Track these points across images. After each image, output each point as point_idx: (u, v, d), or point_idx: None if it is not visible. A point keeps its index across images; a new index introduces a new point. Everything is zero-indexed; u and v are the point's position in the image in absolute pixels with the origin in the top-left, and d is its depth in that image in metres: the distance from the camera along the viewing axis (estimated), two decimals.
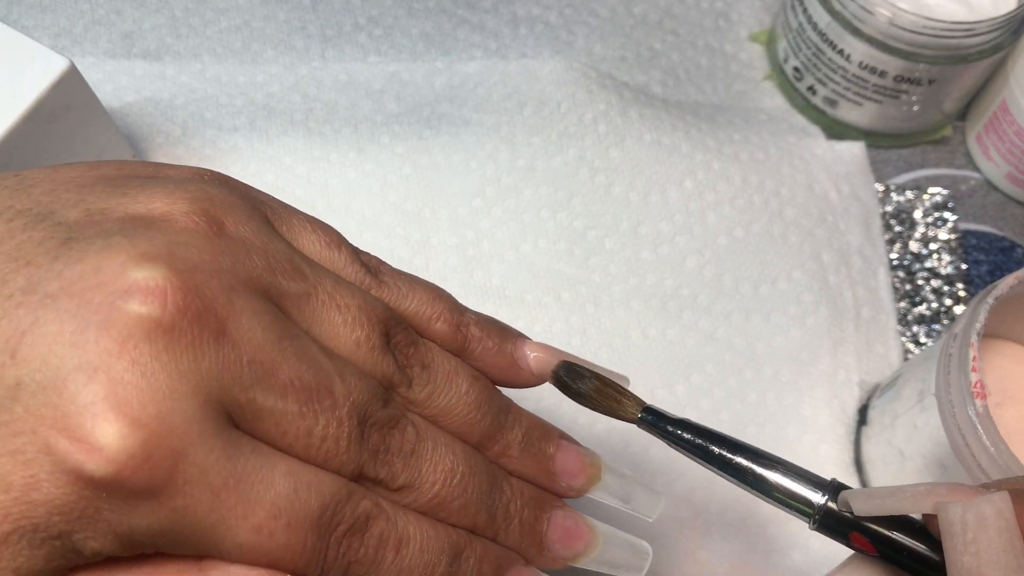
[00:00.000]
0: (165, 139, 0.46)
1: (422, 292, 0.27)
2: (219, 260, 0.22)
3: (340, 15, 0.51)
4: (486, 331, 0.27)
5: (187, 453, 0.20)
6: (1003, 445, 0.31)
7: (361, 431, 0.23)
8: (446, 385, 0.26)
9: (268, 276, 0.23)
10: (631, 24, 0.51)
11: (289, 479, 0.21)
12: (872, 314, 0.44)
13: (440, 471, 0.24)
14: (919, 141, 0.49)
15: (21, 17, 0.49)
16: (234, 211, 0.23)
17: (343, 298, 0.24)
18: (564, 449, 0.28)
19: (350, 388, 0.23)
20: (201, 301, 0.21)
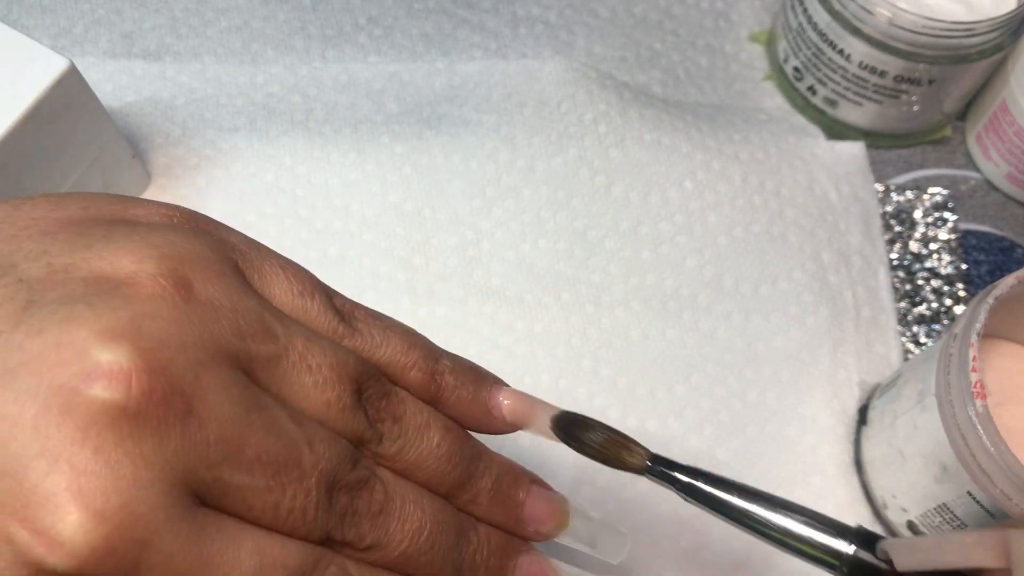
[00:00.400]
0: (165, 139, 0.46)
1: (396, 340, 0.26)
2: (186, 331, 0.21)
3: (340, 15, 0.51)
4: (460, 379, 0.27)
5: (152, 542, 0.20)
6: (1003, 445, 0.31)
7: (329, 497, 0.23)
8: (417, 439, 0.25)
9: (237, 341, 0.22)
10: (631, 24, 0.51)
11: (255, 557, 0.21)
12: (872, 314, 0.44)
13: (407, 530, 0.24)
14: (919, 141, 0.49)
15: (21, 17, 0.49)
16: (203, 268, 0.23)
17: (314, 357, 0.23)
18: (534, 495, 0.28)
19: (318, 456, 0.22)
20: (167, 382, 0.20)
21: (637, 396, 0.42)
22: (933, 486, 0.35)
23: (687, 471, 0.27)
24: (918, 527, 0.37)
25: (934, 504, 0.36)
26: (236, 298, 0.23)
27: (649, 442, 0.41)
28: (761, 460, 0.41)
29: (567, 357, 0.42)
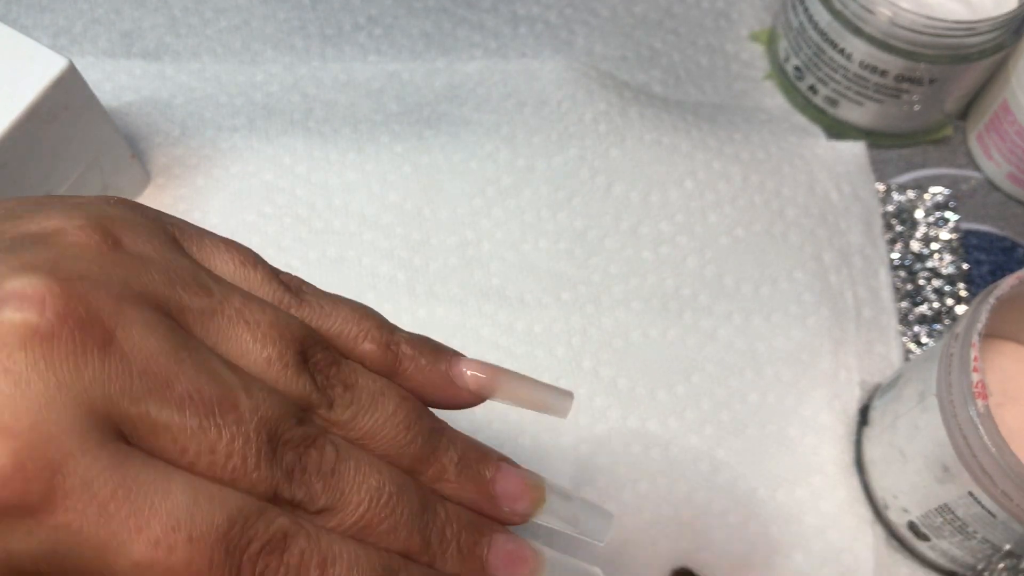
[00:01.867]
0: (164, 139, 0.46)
1: (347, 311, 0.25)
2: (110, 272, 0.21)
3: (340, 14, 0.51)
4: (418, 349, 0.25)
5: (66, 464, 0.19)
6: (1004, 445, 0.31)
7: (272, 449, 0.21)
8: (371, 406, 0.23)
9: (167, 290, 0.21)
10: (631, 24, 0.51)
11: (189, 491, 0.20)
12: (873, 314, 0.44)
13: (365, 491, 0.22)
14: (920, 141, 0.49)
15: (20, 16, 0.49)
16: (134, 228, 0.22)
17: (252, 314, 0.22)
18: (504, 472, 0.25)
19: (257, 403, 0.21)
20: (85, 309, 0.19)
21: (637, 396, 0.41)
22: (934, 486, 0.35)
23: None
24: (919, 528, 0.37)
25: (935, 504, 0.35)
26: (169, 256, 0.22)
27: (649, 442, 0.41)
28: (762, 460, 0.41)
29: (567, 357, 0.42)
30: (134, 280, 0.21)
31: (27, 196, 0.24)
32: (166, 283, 0.21)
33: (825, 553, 0.39)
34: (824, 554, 0.39)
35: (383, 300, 0.43)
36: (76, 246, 0.21)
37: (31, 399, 0.19)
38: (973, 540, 0.35)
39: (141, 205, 0.24)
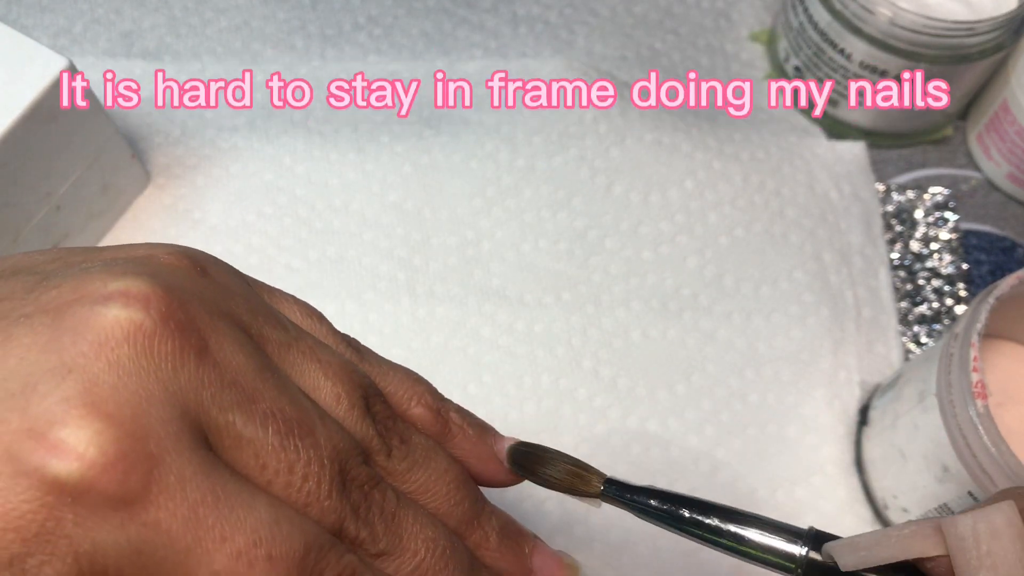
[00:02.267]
0: (164, 139, 0.46)
1: (403, 374, 0.26)
2: (202, 290, 0.21)
3: (340, 14, 0.51)
4: (466, 420, 0.26)
5: (164, 460, 0.19)
6: (1004, 445, 0.31)
7: (343, 481, 0.22)
8: (425, 462, 0.24)
9: (249, 317, 0.22)
10: (631, 23, 0.51)
11: (271, 509, 0.20)
12: (873, 314, 0.44)
13: (422, 541, 0.23)
14: (920, 141, 0.49)
15: (20, 16, 0.49)
16: (216, 263, 0.23)
17: (324, 354, 0.23)
18: (540, 549, 0.27)
19: (331, 433, 0.22)
20: (184, 315, 0.20)
21: (638, 396, 0.41)
22: (934, 486, 0.35)
23: (640, 491, 0.26)
24: None
25: (935, 504, 0.35)
26: (248, 291, 0.23)
27: (649, 442, 0.41)
28: (762, 460, 0.41)
29: (567, 357, 0.42)
30: (222, 302, 0.22)
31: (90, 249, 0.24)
32: (249, 312, 0.22)
33: None
34: None
35: (383, 300, 0.43)
36: (169, 267, 0.22)
37: (133, 392, 0.19)
38: None
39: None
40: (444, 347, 0.42)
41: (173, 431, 0.19)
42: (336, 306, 0.42)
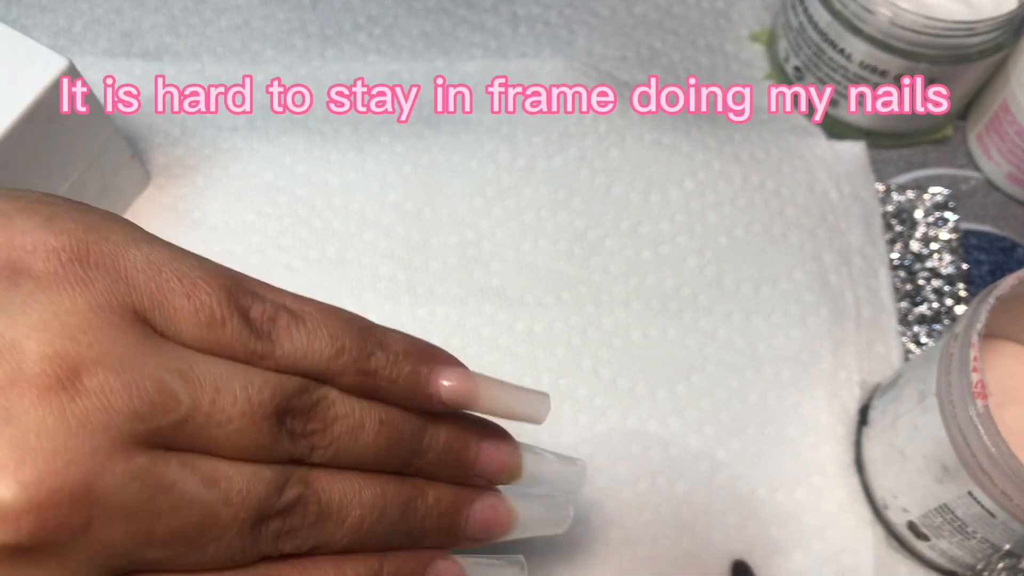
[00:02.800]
0: (165, 139, 0.46)
1: (322, 343, 0.25)
2: (76, 442, 0.21)
3: (340, 14, 0.51)
4: (396, 370, 0.26)
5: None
6: (1004, 445, 0.31)
7: (258, 530, 0.23)
8: (350, 441, 0.25)
9: (135, 425, 0.22)
10: (631, 24, 0.51)
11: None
12: (873, 314, 0.44)
13: (348, 526, 0.25)
14: (920, 141, 0.49)
15: (20, 16, 0.49)
16: (93, 345, 0.21)
17: (223, 411, 0.23)
18: (484, 452, 0.28)
19: (237, 507, 0.23)
20: (58, 509, 0.20)
21: (637, 396, 0.41)
22: (934, 486, 0.35)
23: None
24: (919, 527, 0.37)
25: (935, 504, 0.36)
26: (131, 369, 0.22)
27: (649, 442, 0.41)
28: (762, 460, 0.41)
29: (567, 357, 0.42)
30: (101, 436, 0.21)
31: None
32: (133, 418, 0.22)
33: (825, 553, 0.39)
34: (824, 554, 0.39)
35: (383, 300, 0.43)
36: (37, 409, 0.21)
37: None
38: (972, 540, 0.35)
39: (94, 258, 0.23)
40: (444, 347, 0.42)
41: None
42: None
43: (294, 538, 0.24)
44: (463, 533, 0.28)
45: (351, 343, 0.26)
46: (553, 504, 0.31)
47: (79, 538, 0.21)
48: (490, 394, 0.28)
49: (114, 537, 0.21)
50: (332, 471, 0.25)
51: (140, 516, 0.22)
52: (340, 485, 0.25)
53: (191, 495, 0.22)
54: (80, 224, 0.23)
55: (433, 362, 0.27)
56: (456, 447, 0.28)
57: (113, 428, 0.21)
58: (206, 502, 0.23)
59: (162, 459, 0.22)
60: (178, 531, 0.22)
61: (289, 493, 0.24)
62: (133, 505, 0.21)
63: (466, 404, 0.28)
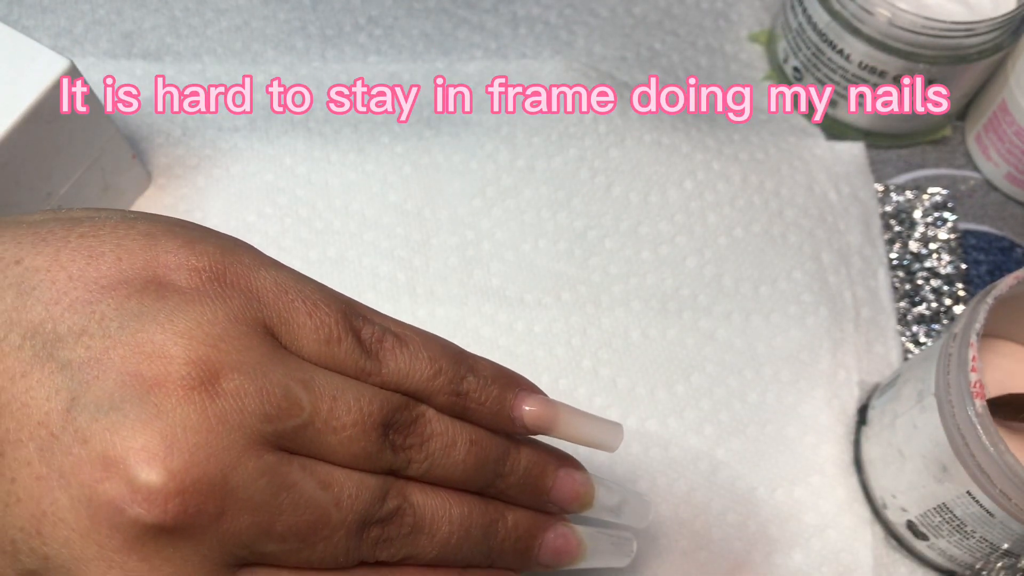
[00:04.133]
0: (165, 139, 0.46)
1: (422, 366, 0.27)
2: (214, 437, 0.23)
3: (340, 15, 0.51)
4: (484, 395, 0.29)
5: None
6: (1003, 445, 0.31)
7: (360, 535, 0.26)
8: (443, 457, 0.28)
9: (264, 426, 0.24)
10: (631, 24, 0.51)
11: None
12: (872, 314, 0.44)
13: (436, 541, 0.27)
14: (919, 141, 0.49)
15: (22, 17, 0.49)
16: (229, 351, 0.24)
17: (339, 418, 0.25)
18: (560, 480, 0.31)
19: (346, 511, 0.25)
20: (197, 497, 0.23)
21: (637, 396, 0.42)
22: (933, 486, 0.35)
23: None
24: (918, 527, 0.37)
25: (934, 504, 0.36)
26: (262, 375, 0.24)
27: (649, 442, 0.41)
28: (761, 460, 0.41)
29: (567, 357, 0.42)
30: (235, 434, 0.24)
31: (127, 240, 0.25)
32: (263, 419, 0.24)
33: (824, 552, 0.39)
34: (823, 553, 0.39)
35: (383, 300, 0.43)
36: (181, 407, 0.23)
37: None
38: (971, 539, 0.35)
39: (231, 275, 0.25)
40: None
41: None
42: None
43: (389, 546, 0.27)
44: (535, 558, 0.31)
45: (447, 366, 0.28)
46: (619, 537, 0.33)
47: (212, 525, 0.23)
48: (568, 420, 0.30)
49: (240, 527, 0.24)
50: (425, 486, 0.28)
51: (264, 510, 0.24)
52: (432, 500, 0.28)
53: (309, 495, 0.25)
54: (217, 247, 0.26)
55: (518, 388, 0.30)
56: (535, 472, 0.30)
57: (246, 427, 0.24)
58: (321, 503, 0.25)
59: (286, 460, 0.25)
60: (294, 527, 0.24)
61: (390, 503, 0.26)
62: (259, 499, 0.24)
63: (546, 429, 0.30)
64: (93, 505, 0.22)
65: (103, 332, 0.23)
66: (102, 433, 0.23)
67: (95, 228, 0.25)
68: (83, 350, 0.23)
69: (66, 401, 0.23)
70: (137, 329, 0.24)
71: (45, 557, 0.23)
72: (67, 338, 0.23)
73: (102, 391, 0.23)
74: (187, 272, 0.25)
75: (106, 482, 0.22)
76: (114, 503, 0.22)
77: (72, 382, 0.23)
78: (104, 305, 0.24)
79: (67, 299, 0.24)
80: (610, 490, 0.32)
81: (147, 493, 0.22)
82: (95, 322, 0.24)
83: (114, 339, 0.23)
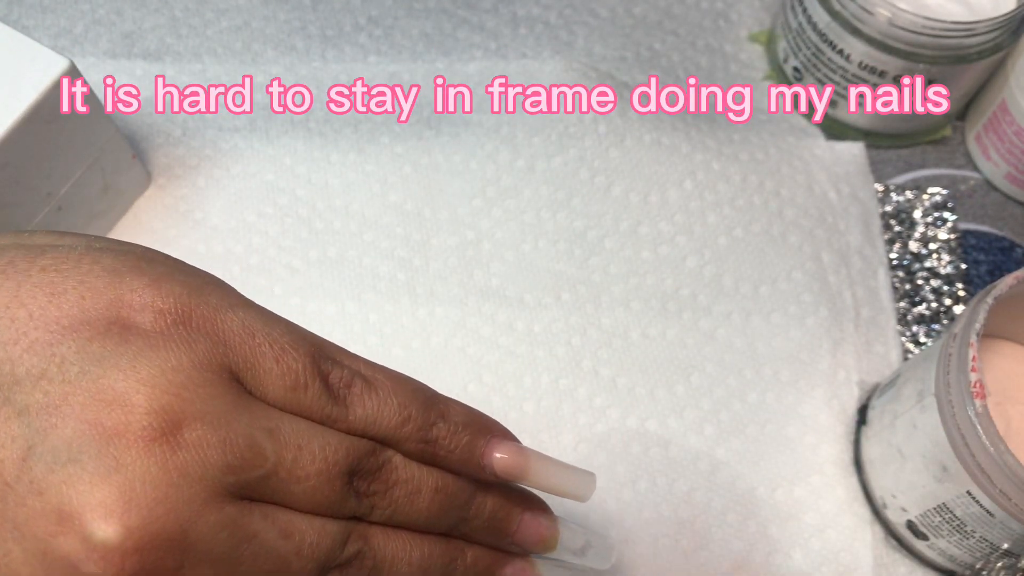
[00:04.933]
0: (165, 139, 0.46)
1: (391, 412, 0.27)
2: (175, 492, 0.23)
3: (340, 15, 0.51)
4: (454, 443, 0.28)
5: None
6: (1002, 445, 0.31)
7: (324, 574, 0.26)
8: (406, 504, 0.27)
9: (227, 477, 0.24)
10: (631, 24, 0.51)
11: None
12: (872, 314, 0.44)
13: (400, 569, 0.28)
14: (919, 141, 0.49)
15: (22, 17, 0.49)
16: (192, 400, 0.23)
17: (303, 468, 0.25)
18: (525, 524, 0.31)
19: (306, 559, 0.25)
20: (155, 554, 0.22)
21: (637, 396, 0.42)
22: (933, 486, 0.35)
23: None
24: (918, 527, 0.37)
25: (934, 504, 0.36)
26: (226, 425, 0.24)
27: (649, 442, 0.41)
28: (761, 460, 0.41)
29: (567, 357, 0.42)
30: (196, 488, 0.23)
31: (90, 278, 0.24)
32: (225, 470, 0.23)
33: (824, 552, 0.39)
34: (823, 553, 0.39)
35: (383, 300, 0.43)
36: (140, 460, 0.22)
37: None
38: (971, 539, 0.35)
39: (197, 319, 0.25)
40: (444, 347, 0.42)
41: None
42: (336, 307, 0.43)
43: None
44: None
45: (416, 413, 0.27)
46: (577, 574, 0.33)
47: (176, 573, 0.23)
48: (539, 470, 0.29)
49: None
50: (387, 530, 0.27)
51: (224, 562, 0.23)
52: (393, 544, 0.27)
53: (270, 545, 0.24)
54: (184, 287, 0.25)
55: (490, 435, 0.29)
56: (500, 516, 0.30)
57: (208, 479, 0.23)
58: (281, 552, 0.25)
59: (247, 510, 0.24)
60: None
61: (350, 548, 0.26)
62: (219, 552, 0.23)
63: (517, 478, 0.29)
64: (47, 560, 0.22)
65: (63, 377, 0.23)
66: (58, 485, 0.22)
67: (58, 261, 0.24)
68: (41, 395, 0.22)
69: (23, 449, 0.22)
70: (99, 375, 0.23)
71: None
72: (25, 382, 0.23)
73: (60, 440, 0.22)
74: (152, 314, 0.24)
75: (61, 536, 0.22)
76: (68, 559, 0.22)
77: (29, 429, 0.22)
78: (65, 347, 0.23)
79: (26, 340, 0.23)
80: (574, 533, 0.32)
81: (103, 551, 0.22)
82: (55, 365, 0.23)
83: (74, 385, 0.23)
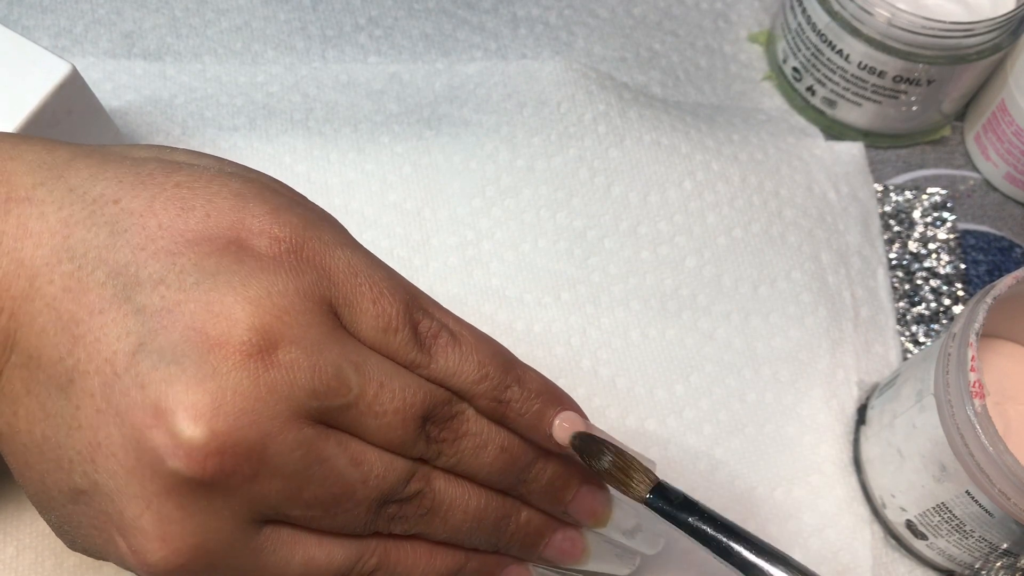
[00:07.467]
0: (165, 138, 0.46)
1: (470, 367, 0.28)
2: (262, 405, 0.24)
3: (340, 16, 0.51)
4: (526, 406, 0.29)
5: (218, 564, 0.25)
6: (1002, 445, 0.32)
7: (379, 509, 0.27)
8: (472, 457, 0.29)
9: (310, 401, 0.25)
10: (631, 25, 0.51)
11: (302, 559, 0.27)
12: (871, 314, 0.44)
13: (448, 526, 0.29)
14: (918, 141, 0.49)
15: (22, 17, 0.49)
16: (291, 325, 0.25)
17: (381, 404, 0.27)
18: (581, 495, 0.32)
19: (371, 488, 0.27)
20: (236, 458, 0.24)
21: (636, 396, 0.42)
22: (932, 485, 0.35)
23: (683, 507, 0.30)
24: (917, 526, 0.37)
25: (933, 503, 0.36)
26: (318, 353, 0.25)
27: (648, 441, 0.41)
28: (760, 459, 0.41)
29: (567, 357, 0.42)
30: (282, 405, 0.25)
31: (217, 197, 0.27)
32: (310, 395, 0.25)
33: (823, 552, 0.39)
34: (822, 552, 0.39)
35: None
36: (235, 372, 0.24)
37: (195, 525, 0.25)
38: (971, 539, 0.35)
39: (308, 250, 0.27)
40: None
41: (227, 541, 0.26)
42: None
43: (403, 523, 0.28)
44: (539, 554, 0.32)
45: (494, 372, 0.29)
46: (623, 551, 0.34)
47: (244, 485, 0.25)
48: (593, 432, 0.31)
49: (270, 491, 0.25)
50: (449, 476, 0.29)
51: (295, 479, 0.25)
52: (452, 490, 0.29)
53: (339, 471, 0.26)
54: (301, 220, 0.27)
55: (560, 406, 0.30)
56: (559, 484, 0.31)
57: (293, 400, 0.25)
58: (349, 479, 0.26)
59: (324, 435, 0.26)
60: (320, 498, 0.26)
61: (412, 486, 0.28)
62: (292, 469, 0.25)
63: None
64: (140, 448, 0.24)
65: (179, 284, 0.25)
66: (159, 383, 0.24)
67: (191, 179, 0.26)
68: (158, 298, 0.24)
69: (134, 344, 0.24)
70: (210, 288, 0.25)
71: (95, 482, 0.24)
72: (146, 284, 0.25)
73: (167, 341, 0.24)
74: (268, 239, 0.26)
75: (154, 429, 0.24)
76: (157, 451, 0.24)
77: (142, 327, 0.24)
78: (185, 258, 0.25)
79: (153, 246, 0.25)
80: (626, 513, 0.33)
81: (188, 448, 0.24)
82: (174, 274, 0.25)
83: (188, 293, 0.24)
